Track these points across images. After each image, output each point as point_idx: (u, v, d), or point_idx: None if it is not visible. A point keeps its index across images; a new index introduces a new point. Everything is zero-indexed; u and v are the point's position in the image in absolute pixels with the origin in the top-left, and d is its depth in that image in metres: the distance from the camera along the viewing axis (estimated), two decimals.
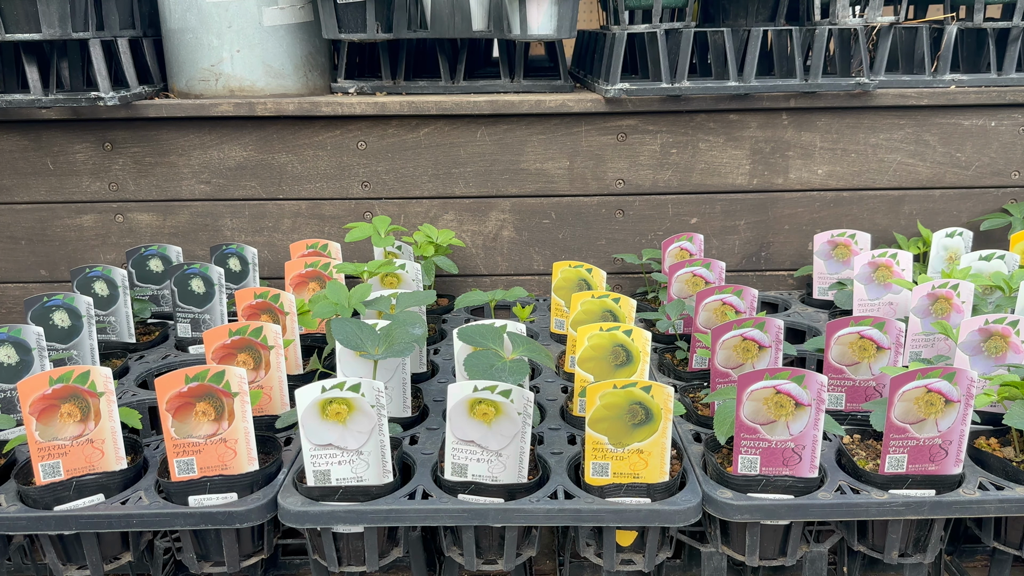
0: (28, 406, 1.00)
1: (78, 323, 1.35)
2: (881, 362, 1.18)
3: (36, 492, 1.02)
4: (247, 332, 1.16)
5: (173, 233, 1.80)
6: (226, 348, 1.16)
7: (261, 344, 1.17)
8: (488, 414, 1.00)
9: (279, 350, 1.18)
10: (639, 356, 1.14)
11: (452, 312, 1.74)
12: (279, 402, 1.20)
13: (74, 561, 1.07)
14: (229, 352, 1.16)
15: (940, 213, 1.83)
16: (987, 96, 1.73)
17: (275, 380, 1.18)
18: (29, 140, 1.73)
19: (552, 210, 1.81)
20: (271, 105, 1.68)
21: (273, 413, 1.19)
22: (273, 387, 1.19)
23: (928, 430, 1.00)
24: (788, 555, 1.06)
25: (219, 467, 1.03)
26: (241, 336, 1.16)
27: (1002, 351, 1.17)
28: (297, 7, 1.74)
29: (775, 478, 1.00)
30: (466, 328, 1.13)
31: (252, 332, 1.17)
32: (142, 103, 1.68)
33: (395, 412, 1.23)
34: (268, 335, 1.17)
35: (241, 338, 1.16)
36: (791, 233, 1.84)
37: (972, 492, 1.01)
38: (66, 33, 1.54)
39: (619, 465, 1.01)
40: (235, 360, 1.17)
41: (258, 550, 1.10)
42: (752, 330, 1.18)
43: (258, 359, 1.17)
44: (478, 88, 1.79)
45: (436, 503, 1.00)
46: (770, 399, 0.98)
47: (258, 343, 1.17)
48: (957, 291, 1.30)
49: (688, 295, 1.52)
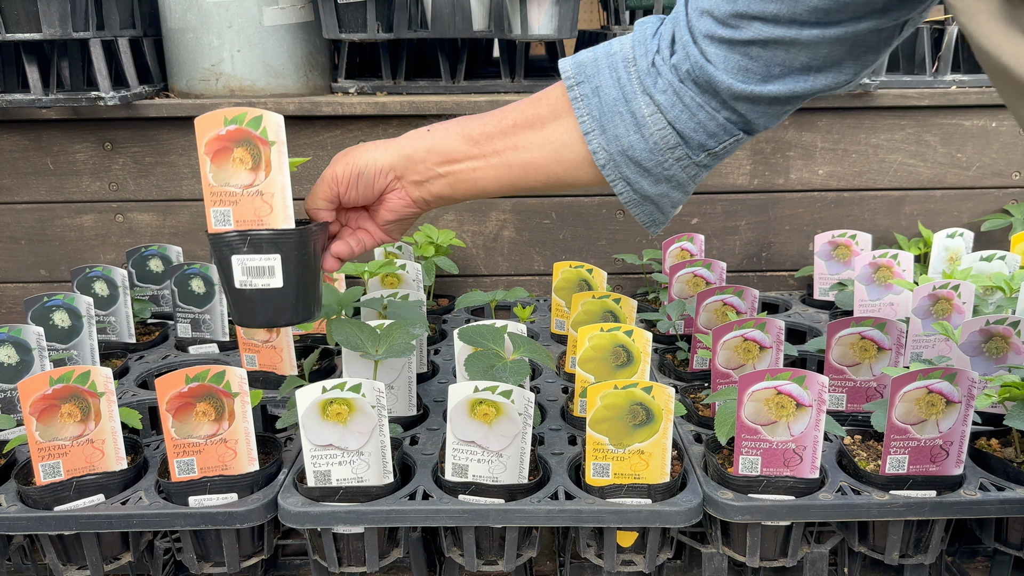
0: (28, 406, 1.00)
1: (78, 323, 1.35)
2: (882, 363, 1.18)
3: (36, 492, 1.02)
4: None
5: (173, 233, 1.80)
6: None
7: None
8: (489, 415, 1.00)
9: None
10: (640, 357, 1.14)
11: (452, 312, 1.74)
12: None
13: (74, 561, 1.07)
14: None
15: (941, 214, 1.82)
16: (988, 97, 1.73)
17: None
18: (29, 140, 1.73)
19: (553, 210, 1.81)
20: (271, 105, 1.68)
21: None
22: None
23: (929, 431, 0.99)
24: (789, 556, 1.05)
25: (219, 467, 1.03)
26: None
27: (1003, 352, 1.16)
28: (297, 7, 1.73)
29: (776, 479, 1.00)
30: (466, 328, 1.13)
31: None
32: (142, 103, 1.68)
33: (401, 411, 1.23)
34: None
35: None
36: (792, 233, 1.84)
37: (973, 493, 1.01)
38: (66, 33, 1.54)
39: (620, 466, 1.01)
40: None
41: (258, 550, 1.10)
42: (753, 331, 1.18)
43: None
44: (479, 88, 1.78)
45: (437, 504, 1.00)
46: (771, 400, 0.98)
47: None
48: (958, 292, 1.30)
49: (689, 296, 1.52)
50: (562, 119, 0.85)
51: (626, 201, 0.86)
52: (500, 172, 0.89)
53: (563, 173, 0.87)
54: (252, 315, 0.93)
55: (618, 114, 0.81)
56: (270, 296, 0.91)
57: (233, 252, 0.90)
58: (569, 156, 0.85)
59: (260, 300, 0.92)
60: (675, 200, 0.86)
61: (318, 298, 0.97)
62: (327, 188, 0.93)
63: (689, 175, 0.84)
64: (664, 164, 0.82)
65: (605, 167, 0.84)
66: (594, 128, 0.83)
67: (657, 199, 0.85)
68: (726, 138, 0.81)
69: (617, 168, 0.83)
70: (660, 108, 0.79)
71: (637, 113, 0.80)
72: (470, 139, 0.89)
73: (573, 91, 0.83)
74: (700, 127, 0.79)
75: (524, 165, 0.87)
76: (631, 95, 0.80)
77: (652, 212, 0.87)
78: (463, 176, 0.90)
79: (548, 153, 0.86)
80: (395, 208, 0.95)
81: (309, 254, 0.93)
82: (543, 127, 0.86)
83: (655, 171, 0.82)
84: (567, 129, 0.85)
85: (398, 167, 0.92)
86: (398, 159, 0.91)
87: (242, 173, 0.91)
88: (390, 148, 0.92)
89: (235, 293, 0.92)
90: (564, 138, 0.85)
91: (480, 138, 0.88)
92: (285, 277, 0.91)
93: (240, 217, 0.91)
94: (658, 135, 0.80)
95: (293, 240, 0.91)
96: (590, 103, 0.82)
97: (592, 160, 0.84)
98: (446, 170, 0.90)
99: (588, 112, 0.82)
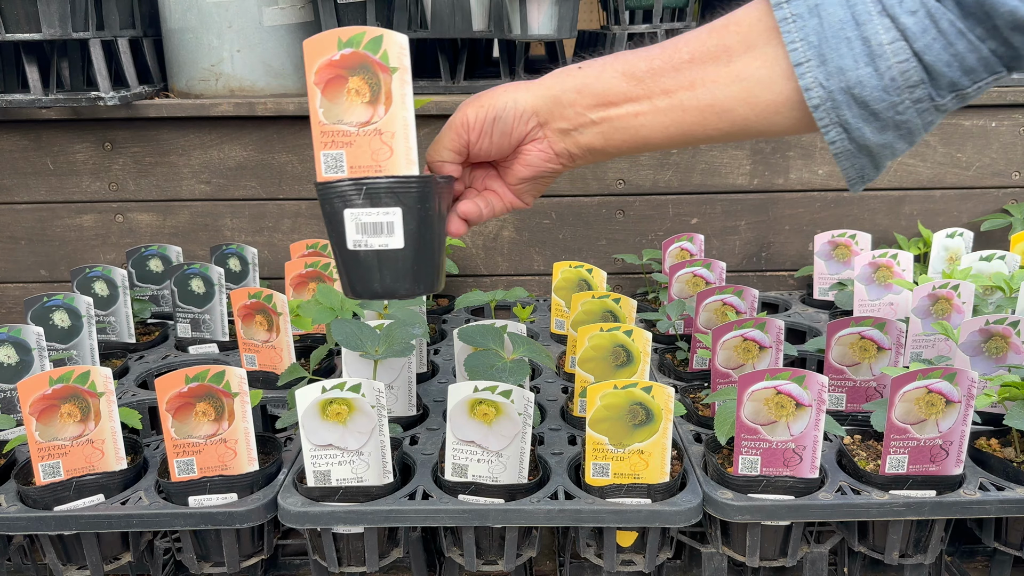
0: (28, 406, 1.00)
1: (78, 323, 1.35)
2: (882, 363, 1.18)
3: (36, 492, 1.02)
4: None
5: (173, 233, 1.80)
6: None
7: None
8: (489, 414, 1.00)
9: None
10: (640, 356, 1.14)
11: (452, 312, 1.74)
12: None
13: (74, 561, 1.07)
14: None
15: (941, 213, 1.82)
16: (988, 97, 1.73)
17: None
18: (29, 140, 1.73)
19: (552, 210, 1.81)
20: (271, 105, 1.68)
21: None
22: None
23: (929, 431, 0.99)
24: (789, 556, 1.06)
25: (219, 467, 1.03)
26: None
27: (1003, 352, 1.16)
28: (297, 7, 1.74)
29: (776, 479, 1.00)
30: (466, 328, 1.13)
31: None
32: (142, 103, 1.68)
33: (401, 411, 1.23)
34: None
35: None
36: (792, 233, 1.84)
37: (973, 493, 1.01)
38: (66, 33, 1.54)
39: (620, 466, 1.01)
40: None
41: (258, 550, 1.10)
42: (753, 330, 1.18)
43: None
44: (479, 88, 1.78)
45: (436, 504, 1.00)
46: (771, 400, 0.98)
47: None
48: (958, 292, 1.30)
49: (689, 295, 1.52)
50: (757, 49, 0.69)
51: (837, 152, 0.71)
52: (670, 118, 0.74)
53: (754, 119, 0.71)
54: (366, 282, 0.78)
55: (844, 40, 0.65)
56: (388, 259, 0.77)
57: (346, 205, 0.76)
58: (766, 96, 0.70)
59: (376, 264, 0.77)
60: (897, 151, 0.71)
61: (442, 266, 0.82)
62: (455, 136, 0.79)
63: (925, 121, 0.69)
64: (898, 107, 0.67)
65: (819, 108, 0.68)
66: (810, 58, 0.66)
67: (877, 150, 0.70)
68: (985, 76, 0.66)
69: (835, 110, 0.68)
70: (905, 34, 0.64)
71: (872, 40, 0.65)
72: (632, 77, 0.73)
73: (782, 9, 0.67)
74: (956, 60, 0.64)
75: (703, 109, 0.72)
76: (864, 16, 0.65)
77: (864, 167, 0.72)
78: (622, 123, 0.75)
79: (737, 93, 0.70)
80: (533, 163, 0.80)
81: (434, 210, 0.78)
82: (730, 60, 0.70)
83: (884, 115, 0.67)
84: (765, 62, 0.69)
85: (542, 111, 0.77)
86: (543, 101, 0.77)
87: (358, 108, 0.76)
88: (533, 89, 0.78)
89: (347, 256, 0.78)
90: (760, 73, 0.69)
91: (645, 75, 0.73)
92: (407, 236, 0.76)
93: (355, 162, 0.77)
94: (897, 69, 0.65)
95: (417, 190, 0.76)
96: (805, 26, 0.66)
97: (798, 100, 0.68)
98: (600, 115, 0.76)
99: (802, 37, 0.66)
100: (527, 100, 0.77)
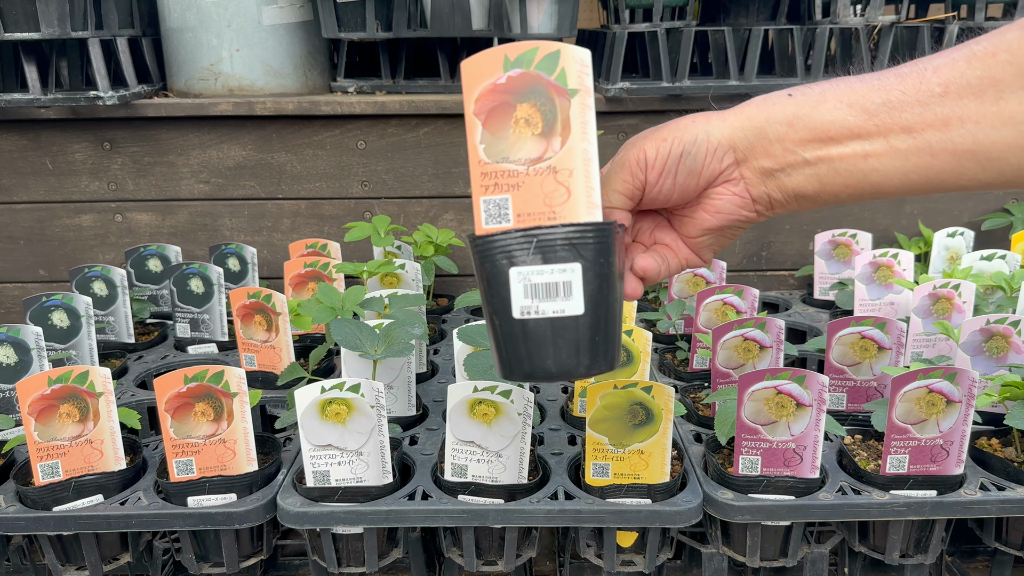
0: (27, 406, 0.99)
1: (77, 323, 1.35)
2: (882, 362, 1.18)
3: (35, 492, 1.01)
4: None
5: (172, 233, 1.80)
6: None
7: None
8: (488, 414, 0.99)
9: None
10: (640, 356, 1.14)
11: (452, 312, 1.74)
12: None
13: (73, 562, 1.07)
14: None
15: (941, 213, 1.82)
16: None
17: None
18: (28, 140, 1.72)
19: None
20: (270, 104, 1.68)
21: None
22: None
23: (929, 431, 0.99)
24: (789, 556, 1.05)
25: (218, 468, 1.03)
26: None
27: (1004, 351, 1.16)
28: (296, 6, 1.73)
29: (776, 479, 1.00)
30: (466, 328, 1.13)
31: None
32: (141, 102, 1.68)
33: (401, 411, 1.23)
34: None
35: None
36: (792, 233, 1.84)
37: (973, 493, 1.01)
38: (65, 32, 1.54)
39: (620, 466, 1.00)
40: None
41: (257, 551, 1.10)
42: (753, 330, 1.18)
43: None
44: None
45: (436, 504, 1.00)
46: (771, 399, 0.98)
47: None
48: (958, 291, 1.30)
49: (689, 295, 1.52)
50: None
51: None
52: (911, 162, 0.59)
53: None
54: (535, 359, 0.62)
55: None
56: (564, 328, 0.61)
57: (512, 263, 0.61)
58: None
59: (550, 335, 0.61)
60: None
61: (620, 334, 0.65)
62: (629, 176, 0.65)
63: None
64: None
65: None
66: None
67: None
68: None
69: None
70: None
71: None
72: (861, 108, 0.60)
73: None
74: None
75: (960, 154, 0.58)
76: None
77: None
78: (844, 164, 0.61)
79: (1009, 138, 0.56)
80: (723, 208, 0.66)
81: (616, 266, 0.63)
82: (1000, 97, 0.56)
83: None
84: None
85: (740, 145, 0.64)
86: (742, 134, 0.63)
87: (527, 141, 0.62)
88: (729, 119, 0.64)
89: (510, 328, 0.62)
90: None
91: (880, 107, 0.59)
92: (587, 299, 0.61)
93: (523, 208, 0.62)
94: None
95: (597, 241, 0.61)
96: None
97: None
98: (816, 154, 0.61)
99: None
100: (722, 132, 0.64)
